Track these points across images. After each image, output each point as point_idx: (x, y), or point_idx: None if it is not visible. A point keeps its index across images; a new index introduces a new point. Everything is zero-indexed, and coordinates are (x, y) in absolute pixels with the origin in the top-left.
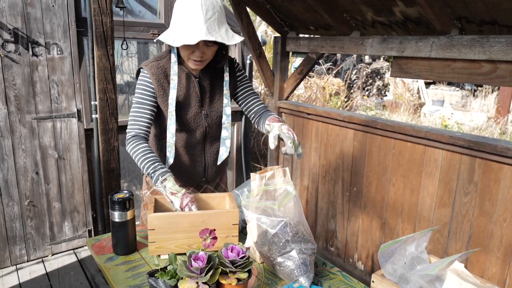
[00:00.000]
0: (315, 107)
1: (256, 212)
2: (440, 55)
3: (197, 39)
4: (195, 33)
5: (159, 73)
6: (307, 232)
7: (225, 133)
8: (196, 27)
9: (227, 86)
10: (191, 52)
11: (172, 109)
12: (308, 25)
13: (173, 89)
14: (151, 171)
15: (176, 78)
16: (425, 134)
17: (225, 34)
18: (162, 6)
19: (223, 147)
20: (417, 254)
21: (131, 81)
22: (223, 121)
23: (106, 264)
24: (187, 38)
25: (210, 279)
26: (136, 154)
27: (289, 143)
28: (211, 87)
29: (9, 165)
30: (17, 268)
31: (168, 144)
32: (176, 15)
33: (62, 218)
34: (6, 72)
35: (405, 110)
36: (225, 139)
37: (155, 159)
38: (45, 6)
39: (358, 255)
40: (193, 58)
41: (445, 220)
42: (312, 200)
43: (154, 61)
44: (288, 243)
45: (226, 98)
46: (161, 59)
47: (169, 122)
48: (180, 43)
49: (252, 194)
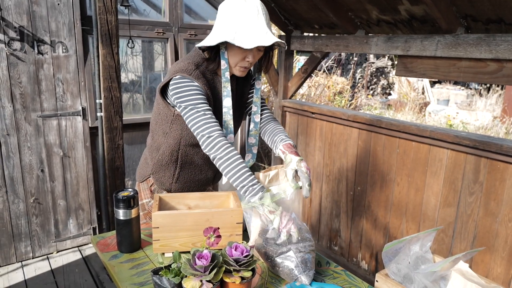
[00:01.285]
0: (320, 106)
1: (255, 213)
2: (445, 54)
3: (271, 40)
4: (264, 35)
5: (204, 83)
6: (304, 229)
7: (252, 140)
8: (263, 30)
9: (258, 94)
10: (243, 57)
11: (229, 118)
12: (312, 24)
13: (228, 97)
14: (249, 184)
15: (228, 85)
16: (430, 134)
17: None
18: (167, 5)
19: (249, 153)
20: (422, 253)
21: (136, 79)
22: (250, 128)
23: (110, 261)
24: (259, 39)
25: (214, 278)
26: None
27: (307, 186)
28: (236, 97)
29: (15, 163)
30: (22, 264)
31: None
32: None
33: (67, 215)
34: (12, 70)
35: (410, 109)
36: (252, 146)
37: (249, 170)
38: (51, 4)
39: (362, 254)
40: (243, 64)
41: (450, 219)
42: (316, 199)
43: (196, 69)
44: (284, 243)
45: (256, 106)
46: (199, 66)
47: (225, 131)
48: (254, 45)
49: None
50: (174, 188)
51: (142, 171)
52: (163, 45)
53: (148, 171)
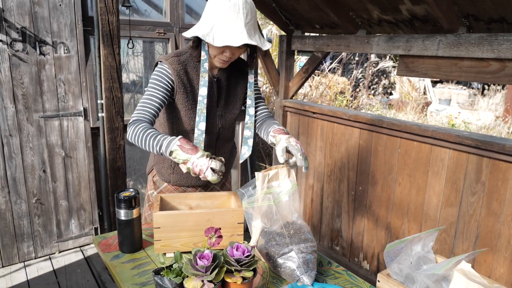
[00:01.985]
0: (321, 106)
1: (256, 213)
2: (447, 54)
3: (240, 42)
4: (237, 35)
5: (179, 69)
6: (306, 230)
7: (248, 133)
8: (238, 29)
9: (252, 88)
10: (221, 52)
11: (202, 106)
12: (313, 23)
13: (204, 87)
14: (157, 148)
15: (206, 75)
16: (432, 133)
17: (259, 39)
18: (168, 5)
19: (245, 146)
20: (424, 253)
21: (137, 79)
22: (246, 121)
23: (112, 262)
24: (229, 39)
25: (215, 278)
26: (137, 134)
27: (299, 156)
28: (227, 89)
29: (17, 163)
30: (25, 265)
31: (197, 141)
32: (214, 14)
33: (69, 216)
34: (14, 71)
35: (411, 109)
36: (248, 138)
37: (156, 133)
38: (52, 5)
39: (364, 254)
40: (222, 58)
41: (452, 219)
42: (317, 199)
43: (175, 56)
44: (286, 244)
45: (250, 99)
46: (181, 55)
47: (198, 119)
48: (221, 43)
49: (256, 198)
50: (172, 179)
51: (149, 163)
52: (164, 46)
53: (151, 163)
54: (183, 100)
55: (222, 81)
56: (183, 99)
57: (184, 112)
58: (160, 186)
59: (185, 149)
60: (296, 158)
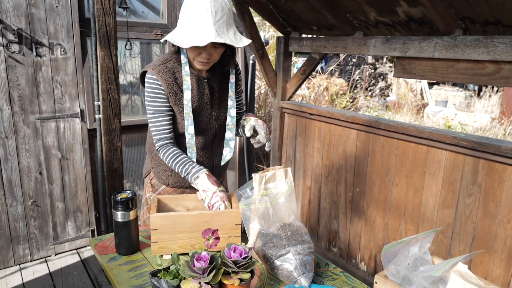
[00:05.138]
0: (318, 107)
1: (253, 215)
2: (443, 56)
3: (206, 41)
4: (204, 34)
5: (168, 77)
6: (303, 231)
7: (229, 135)
8: (205, 29)
9: (233, 88)
10: (198, 53)
11: (188, 110)
12: (311, 25)
13: (187, 90)
14: (185, 174)
15: (189, 79)
16: (429, 135)
17: (234, 37)
18: (165, 7)
19: (227, 148)
20: (420, 255)
21: (134, 81)
22: (227, 122)
23: (109, 264)
24: (196, 39)
25: (212, 279)
26: (168, 161)
27: (263, 133)
28: (219, 89)
29: (13, 165)
30: (20, 268)
31: (189, 145)
32: (184, 15)
33: (65, 218)
34: (10, 73)
35: (408, 111)
36: (229, 140)
37: (185, 161)
38: (49, 6)
39: (361, 255)
40: (200, 59)
41: (449, 221)
42: (315, 200)
43: (161, 64)
44: (283, 246)
45: (231, 100)
46: (167, 61)
47: (187, 123)
48: (188, 45)
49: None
50: (171, 182)
51: (145, 166)
52: (161, 47)
53: (148, 166)
54: (176, 105)
55: (213, 81)
56: (175, 104)
57: (179, 117)
58: (158, 189)
59: (211, 179)
60: (260, 136)
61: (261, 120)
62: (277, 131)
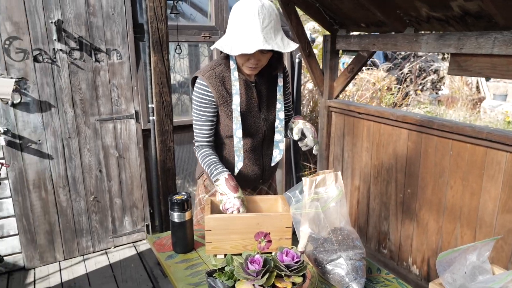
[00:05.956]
0: (367, 106)
1: (304, 219)
2: (503, 52)
3: (254, 49)
4: (252, 42)
5: (217, 82)
6: (354, 237)
7: (279, 137)
8: (253, 36)
9: (281, 91)
10: (246, 59)
11: (237, 114)
12: (359, 22)
13: (236, 95)
14: (210, 174)
15: (237, 84)
16: (487, 135)
17: (281, 42)
18: (213, 9)
19: (276, 149)
20: (479, 263)
21: (183, 81)
22: (276, 125)
23: (167, 261)
24: (244, 47)
25: (266, 282)
26: (200, 160)
27: (311, 137)
28: (267, 92)
29: (76, 164)
30: (84, 258)
31: (236, 148)
32: (233, 23)
33: (123, 213)
34: (72, 78)
35: (462, 106)
36: (279, 142)
37: (211, 162)
38: (106, 14)
39: (413, 258)
40: (248, 65)
41: (510, 226)
42: (364, 200)
43: (211, 70)
44: (335, 251)
45: (279, 103)
46: (216, 67)
47: (235, 127)
48: (237, 52)
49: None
50: None
51: (197, 168)
52: (208, 48)
53: (201, 168)
54: (225, 109)
55: (261, 85)
56: (224, 109)
57: (227, 120)
58: (211, 190)
59: (229, 184)
60: (307, 139)
61: (309, 123)
62: (324, 130)
